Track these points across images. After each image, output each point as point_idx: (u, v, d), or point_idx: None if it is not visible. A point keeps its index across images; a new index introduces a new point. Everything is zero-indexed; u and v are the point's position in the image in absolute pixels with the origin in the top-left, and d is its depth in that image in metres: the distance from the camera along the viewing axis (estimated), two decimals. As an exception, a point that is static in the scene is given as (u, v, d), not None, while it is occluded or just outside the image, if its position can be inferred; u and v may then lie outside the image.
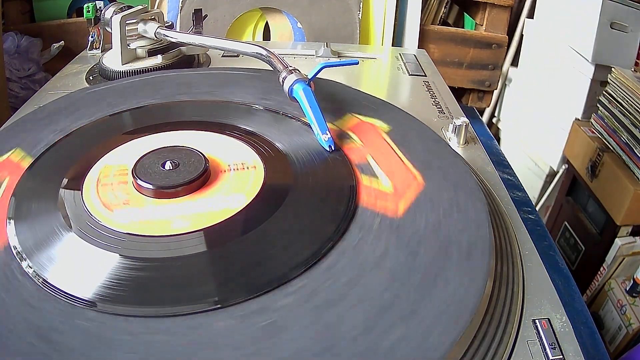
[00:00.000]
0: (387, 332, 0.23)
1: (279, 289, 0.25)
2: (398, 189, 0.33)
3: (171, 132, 0.38)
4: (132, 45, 0.55)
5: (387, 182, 0.33)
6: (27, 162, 0.35)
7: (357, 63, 0.48)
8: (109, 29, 0.55)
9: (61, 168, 0.34)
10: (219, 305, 0.24)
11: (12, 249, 0.28)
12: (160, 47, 0.55)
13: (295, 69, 0.40)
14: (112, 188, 0.32)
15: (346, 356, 0.22)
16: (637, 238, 0.87)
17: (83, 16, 0.65)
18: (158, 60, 0.55)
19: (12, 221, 0.30)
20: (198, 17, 0.59)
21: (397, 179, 0.33)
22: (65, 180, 0.33)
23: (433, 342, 0.23)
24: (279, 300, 0.25)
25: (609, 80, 0.91)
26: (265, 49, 0.44)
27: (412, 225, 0.30)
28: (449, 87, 0.57)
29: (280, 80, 0.40)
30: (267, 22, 0.88)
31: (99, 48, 0.63)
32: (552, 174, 1.14)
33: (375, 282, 0.26)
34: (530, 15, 1.20)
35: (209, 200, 0.31)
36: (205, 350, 0.23)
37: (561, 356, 0.25)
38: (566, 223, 1.02)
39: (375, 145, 0.37)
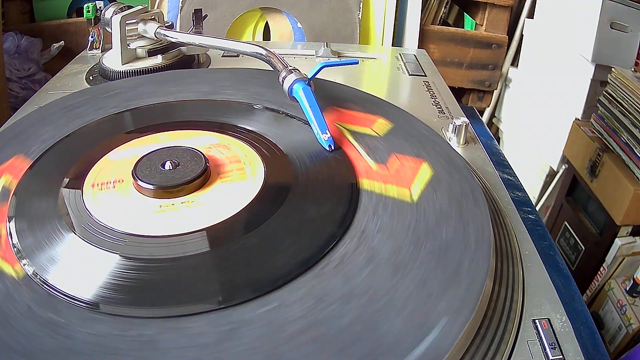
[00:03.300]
0: (387, 332, 0.23)
1: (281, 288, 0.25)
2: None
3: (171, 132, 0.38)
4: (132, 45, 0.55)
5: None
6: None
7: (357, 63, 0.48)
8: (109, 29, 0.55)
9: (62, 168, 0.34)
10: (221, 306, 0.24)
11: (13, 248, 0.28)
12: (160, 47, 0.55)
13: (295, 69, 0.40)
14: (112, 188, 0.32)
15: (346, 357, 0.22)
16: (637, 238, 0.87)
17: (83, 16, 0.65)
18: (158, 60, 0.55)
19: (12, 221, 0.30)
20: (198, 17, 0.59)
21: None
22: (65, 181, 0.33)
23: (433, 342, 0.23)
24: (281, 300, 0.25)
25: (609, 80, 0.91)
26: (265, 49, 0.44)
27: (411, 224, 0.30)
28: (449, 87, 0.57)
29: (280, 80, 0.40)
30: (267, 22, 0.89)
31: (99, 48, 0.63)
32: (552, 174, 1.14)
33: (375, 282, 0.26)
34: (530, 15, 1.19)
35: (209, 200, 0.31)
36: (204, 350, 0.23)
37: (561, 356, 0.25)
38: (566, 223, 1.02)
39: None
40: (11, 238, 0.29)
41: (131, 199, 0.31)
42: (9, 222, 0.30)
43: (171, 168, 0.32)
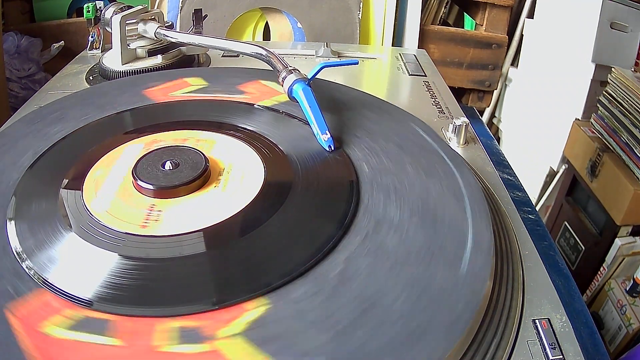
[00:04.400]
0: (386, 331, 0.23)
1: (279, 289, 0.25)
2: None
3: (171, 132, 0.38)
4: (132, 45, 0.55)
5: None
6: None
7: (357, 63, 0.48)
8: (109, 29, 0.55)
9: (62, 168, 0.34)
10: (217, 306, 0.24)
11: (12, 247, 0.28)
12: (160, 47, 0.55)
13: (294, 69, 0.40)
14: (112, 188, 0.32)
15: (341, 356, 0.22)
16: (637, 238, 0.87)
17: (83, 16, 0.65)
18: (158, 60, 0.55)
19: (12, 221, 0.30)
20: (198, 17, 0.59)
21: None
22: (65, 180, 0.33)
23: (433, 342, 0.23)
24: (280, 300, 0.25)
25: (609, 80, 0.91)
26: (265, 49, 0.44)
27: (412, 224, 0.30)
28: (449, 87, 0.57)
29: (280, 80, 0.40)
30: (267, 22, 0.89)
31: (99, 48, 0.63)
32: (552, 174, 1.14)
33: (375, 282, 0.26)
34: (530, 15, 1.19)
35: (209, 200, 0.31)
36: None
37: (561, 356, 0.25)
38: (566, 223, 1.02)
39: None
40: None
41: (131, 199, 0.31)
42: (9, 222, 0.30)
43: (171, 168, 0.32)
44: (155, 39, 0.55)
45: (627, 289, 0.83)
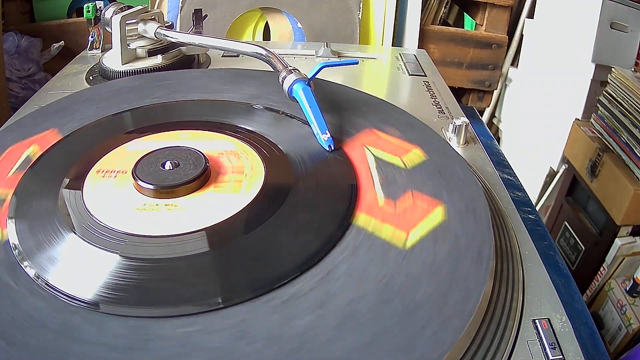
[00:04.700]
0: (386, 331, 0.23)
1: (281, 288, 0.25)
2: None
3: (171, 132, 0.38)
4: (132, 45, 0.55)
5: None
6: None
7: (357, 63, 0.48)
8: (109, 29, 0.55)
9: (62, 168, 0.34)
10: (221, 306, 0.24)
11: (13, 248, 0.28)
12: (160, 47, 0.55)
13: (294, 69, 0.40)
14: (112, 188, 0.32)
15: (345, 354, 0.22)
16: (637, 238, 0.87)
17: (83, 16, 0.65)
18: (158, 60, 0.55)
19: (12, 220, 0.30)
20: (198, 17, 0.59)
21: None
22: (66, 180, 0.33)
23: (433, 342, 0.23)
24: (281, 299, 0.25)
25: (609, 80, 0.91)
26: (265, 49, 0.44)
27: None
28: (449, 87, 0.57)
29: (280, 80, 0.40)
30: (267, 22, 0.89)
31: (99, 48, 0.63)
32: (552, 174, 1.14)
33: (375, 281, 0.26)
34: (530, 15, 1.20)
35: (209, 199, 0.31)
36: (206, 351, 0.23)
37: (561, 356, 0.25)
38: (566, 223, 1.02)
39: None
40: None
41: (132, 199, 0.31)
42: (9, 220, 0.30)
43: (171, 168, 0.32)
44: (155, 39, 0.55)
45: (627, 289, 0.83)
